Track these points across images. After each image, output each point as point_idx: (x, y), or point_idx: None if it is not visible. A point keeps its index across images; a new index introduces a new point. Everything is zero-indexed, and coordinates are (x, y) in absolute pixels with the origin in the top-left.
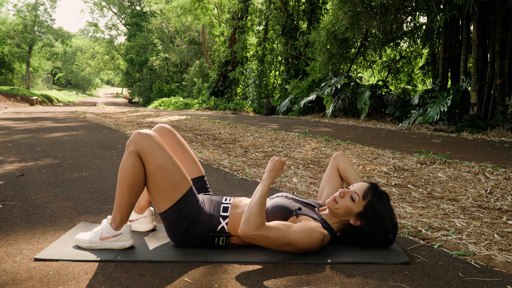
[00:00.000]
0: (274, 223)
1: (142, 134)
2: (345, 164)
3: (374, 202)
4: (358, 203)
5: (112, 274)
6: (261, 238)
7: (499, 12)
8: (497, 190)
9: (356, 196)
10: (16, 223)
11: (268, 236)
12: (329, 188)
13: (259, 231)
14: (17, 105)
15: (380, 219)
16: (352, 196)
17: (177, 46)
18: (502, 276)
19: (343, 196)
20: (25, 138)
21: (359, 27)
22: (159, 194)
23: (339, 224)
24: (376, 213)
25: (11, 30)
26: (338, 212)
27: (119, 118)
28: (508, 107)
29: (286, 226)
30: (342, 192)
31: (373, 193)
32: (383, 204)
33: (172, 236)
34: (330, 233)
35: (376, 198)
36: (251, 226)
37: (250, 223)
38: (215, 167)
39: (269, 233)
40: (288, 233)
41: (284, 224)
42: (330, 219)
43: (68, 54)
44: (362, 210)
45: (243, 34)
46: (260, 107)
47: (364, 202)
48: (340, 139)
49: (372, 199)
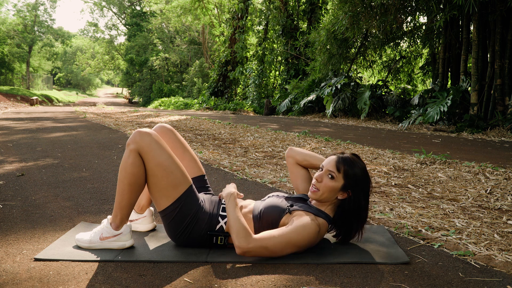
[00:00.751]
0: (265, 233)
1: (142, 133)
2: (300, 154)
3: (350, 169)
4: (337, 178)
5: (112, 274)
6: (260, 249)
7: (499, 12)
8: (497, 190)
9: (333, 173)
10: (16, 223)
11: (266, 246)
12: (300, 181)
13: (255, 242)
14: (17, 105)
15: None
16: (329, 175)
17: (177, 46)
18: (502, 276)
19: (321, 181)
20: (25, 138)
21: (359, 27)
22: (159, 192)
23: (332, 205)
24: (356, 177)
25: (11, 30)
26: (324, 197)
27: (119, 118)
28: (508, 107)
29: (278, 231)
30: (319, 177)
31: (344, 162)
32: (357, 167)
33: (172, 235)
34: (327, 220)
35: (349, 165)
36: (245, 239)
37: (241, 237)
38: (215, 167)
39: (265, 243)
40: (283, 237)
41: (274, 230)
42: (321, 206)
43: (68, 54)
44: (344, 182)
45: (243, 34)
46: (260, 107)
47: (341, 174)
48: (340, 139)
49: (348, 168)
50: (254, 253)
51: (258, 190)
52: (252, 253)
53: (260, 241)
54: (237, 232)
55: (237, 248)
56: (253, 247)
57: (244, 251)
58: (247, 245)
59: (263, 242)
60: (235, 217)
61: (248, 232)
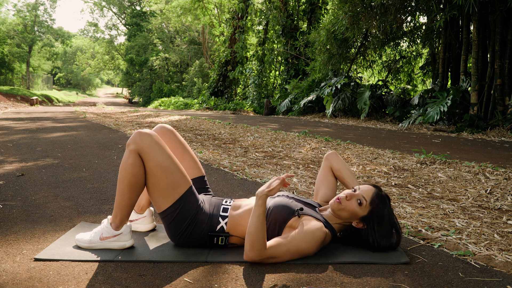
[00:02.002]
0: (273, 241)
1: (142, 134)
2: (339, 164)
3: (380, 208)
4: (364, 208)
5: (112, 274)
6: (268, 259)
7: (499, 12)
8: (497, 190)
9: (364, 201)
10: (16, 223)
11: (275, 256)
12: (324, 188)
13: (265, 255)
14: (17, 105)
15: (384, 224)
16: (359, 200)
17: (177, 46)
18: (502, 276)
19: (349, 200)
20: (25, 138)
21: (359, 27)
22: (159, 193)
23: (341, 225)
24: (381, 218)
25: (11, 30)
26: (342, 214)
27: (119, 118)
28: (508, 107)
29: (287, 240)
30: (349, 195)
31: (379, 199)
32: (387, 209)
33: (172, 236)
34: (331, 233)
35: (382, 203)
36: (257, 252)
37: (255, 249)
38: (215, 167)
39: (274, 253)
40: (292, 245)
41: (283, 238)
42: (331, 219)
43: (68, 54)
44: (367, 214)
45: (243, 34)
46: (260, 107)
47: (370, 207)
48: (340, 139)
49: (379, 205)
50: (261, 262)
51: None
52: (260, 262)
53: (270, 252)
54: (253, 242)
55: (246, 256)
56: (262, 259)
57: (253, 261)
58: (258, 257)
59: (273, 252)
60: (257, 226)
61: (264, 246)
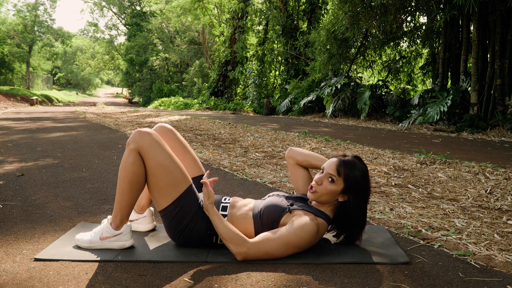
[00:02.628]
0: (261, 236)
1: (142, 132)
2: (300, 155)
3: (350, 172)
4: (337, 182)
5: (112, 274)
6: (260, 254)
7: (499, 12)
8: (497, 190)
9: (333, 177)
10: (16, 223)
11: (266, 251)
12: (301, 182)
13: (254, 247)
14: (17, 105)
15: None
16: (329, 178)
17: (177, 46)
18: (502, 276)
19: (321, 183)
20: (25, 138)
21: (359, 27)
22: (159, 191)
23: (332, 206)
24: (356, 180)
25: (11, 30)
26: (323, 199)
27: (119, 118)
28: (508, 107)
29: (275, 234)
30: (318, 180)
31: (345, 165)
32: (358, 170)
33: (172, 234)
34: (326, 220)
35: (349, 168)
36: (240, 246)
37: (237, 244)
38: (215, 167)
39: (263, 247)
40: (281, 239)
41: (270, 232)
42: (321, 206)
43: (68, 54)
44: (344, 185)
45: (243, 34)
46: (260, 107)
47: (341, 178)
48: (340, 139)
49: (347, 171)
50: (255, 258)
51: (258, 190)
52: (253, 257)
53: (258, 245)
54: (231, 239)
55: (237, 255)
56: (252, 252)
57: (244, 256)
58: (246, 250)
59: (261, 246)
60: (223, 226)
61: (242, 237)
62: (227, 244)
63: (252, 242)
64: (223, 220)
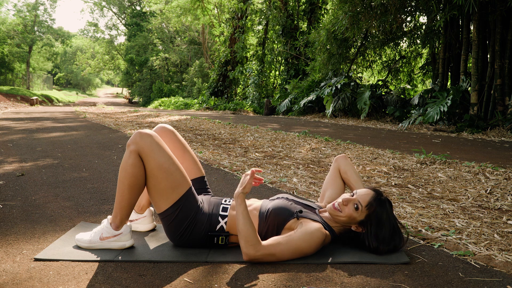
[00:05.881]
0: (272, 240)
1: (142, 134)
2: (346, 166)
3: (378, 211)
4: (360, 212)
5: (112, 274)
6: (267, 256)
7: (499, 12)
8: (497, 190)
9: (360, 206)
10: (16, 223)
11: (273, 254)
12: (331, 190)
13: (264, 250)
14: (17, 105)
15: (383, 228)
16: (355, 205)
17: (177, 46)
18: (502, 276)
19: (346, 204)
20: (25, 138)
21: (359, 27)
22: (158, 194)
23: (341, 228)
24: (379, 222)
25: (11, 30)
26: (339, 219)
27: (119, 118)
28: (508, 107)
29: (285, 239)
30: (345, 201)
31: (377, 202)
32: (386, 213)
33: (172, 237)
34: (331, 234)
35: (380, 207)
36: (254, 247)
37: (249, 244)
38: (215, 167)
39: (273, 251)
40: (290, 244)
41: (282, 237)
42: (331, 222)
43: (68, 54)
44: (364, 218)
45: (243, 34)
46: (260, 107)
47: (367, 211)
48: (340, 139)
49: (376, 209)
50: (260, 260)
51: (258, 190)
52: (259, 260)
53: (268, 248)
54: (246, 238)
55: (244, 255)
56: (260, 255)
57: (252, 258)
58: (255, 253)
59: (271, 249)
60: (244, 221)
61: (257, 240)
62: (240, 239)
63: (263, 246)
64: (247, 214)
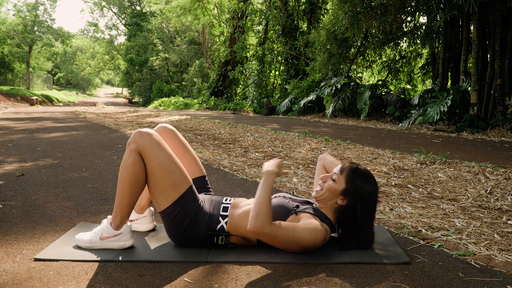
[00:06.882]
0: (282, 223)
1: (143, 133)
2: (329, 160)
3: (351, 173)
4: (338, 181)
5: (112, 274)
6: (270, 236)
7: (499, 12)
8: (497, 190)
9: (335, 175)
10: (16, 223)
11: (277, 236)
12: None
13: (269, 229)
14: (17, 105)
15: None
16: (332, 177)
17: (177, 46)
18: (502, 276)
19: (325, 181)
20: (25, 138)
21: (359, 27)
22: (159, 192)
23: (333, 211)
24: (356, 184)
25: (11, 30)
26: (324, 197)
27: (119, 118)
28: (508, 107)
29: (293, 226)
30: (323, 177)
31: (349, 167)
32: (363, 175)
33: (172, 235)
34: (329, 226)
35: (352, 169)
36: (262, 223)
37: (260, 219)
38: (215, 167)
39: (278, 233)
40: (295, 231)
41: (291, 223)
42: (325, 209)
43: (68, 54)
44: (344, 186)
45: (243, 34)
46: (260, 107)
47: (344, 178)
48: (340, 139)
49: (349, 171)
50: (263, 238)
51: None
52: (261, 237)
53: (273, 229)
54: (258, 212)
55: (250, 227)
56: (265, 233)
57: (256, 232)
58: (261, 228)
59: (276, 230)
60: (264, 197)
61: (269, 218)
62: (252, 210)
63: (271, 225)
64: (270, 191)
